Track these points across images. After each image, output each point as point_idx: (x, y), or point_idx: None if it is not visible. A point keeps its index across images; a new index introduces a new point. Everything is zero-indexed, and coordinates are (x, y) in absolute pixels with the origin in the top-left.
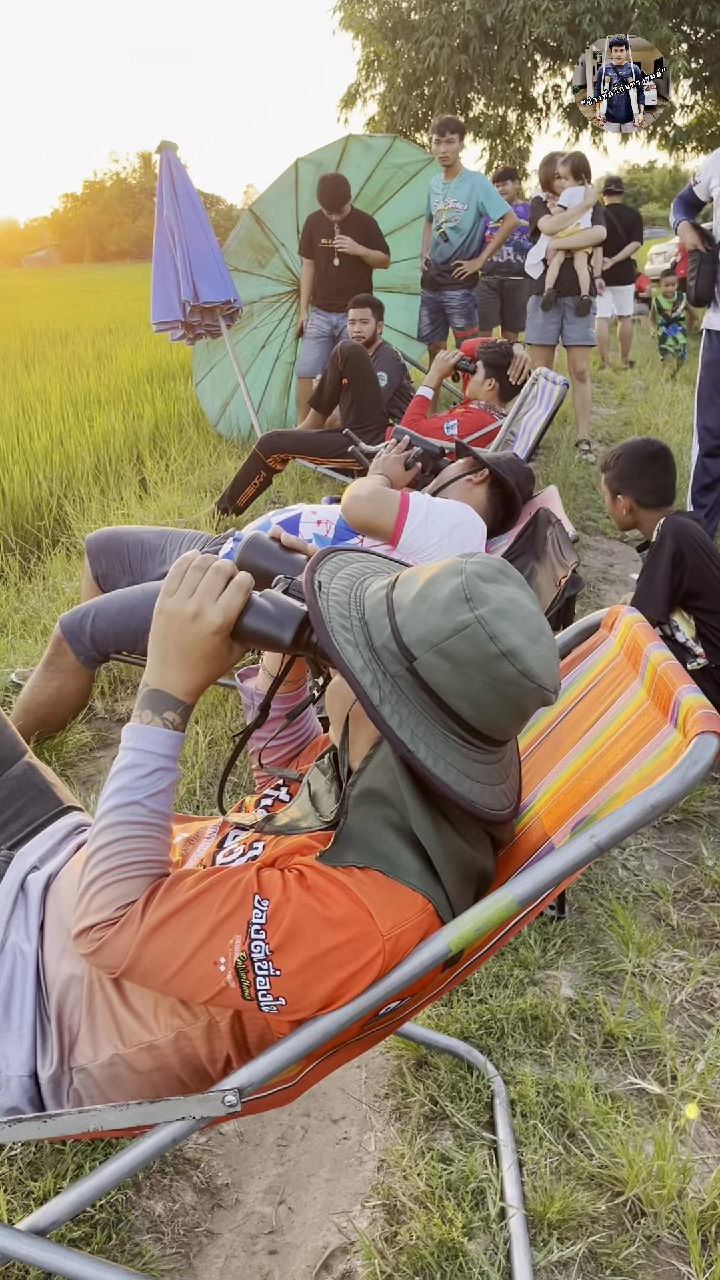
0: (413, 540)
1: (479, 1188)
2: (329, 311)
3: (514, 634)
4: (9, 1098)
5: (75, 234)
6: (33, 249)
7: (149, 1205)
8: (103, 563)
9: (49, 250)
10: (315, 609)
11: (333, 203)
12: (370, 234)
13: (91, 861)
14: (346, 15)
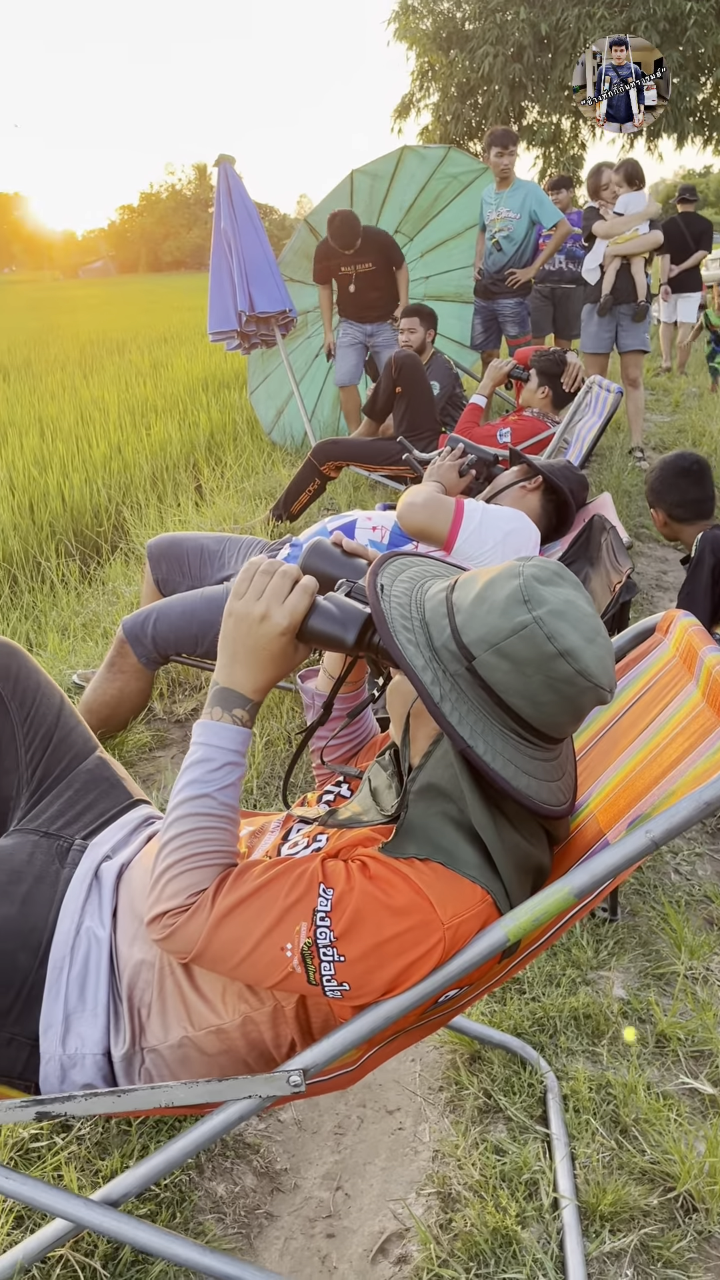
0: (467, 546)
1: (532, 1179)
2: (360, 322)
3: (571, 634)
4: (84, 1074)
5: (131, 245)
6: (90, 260)
7: (211, 1186)
8: (163, 568)
9: (105, 261)
10: (378, 610)
11: (347, 242)
12: (389, 250)
13: (164, 851)
14: (401, 26)
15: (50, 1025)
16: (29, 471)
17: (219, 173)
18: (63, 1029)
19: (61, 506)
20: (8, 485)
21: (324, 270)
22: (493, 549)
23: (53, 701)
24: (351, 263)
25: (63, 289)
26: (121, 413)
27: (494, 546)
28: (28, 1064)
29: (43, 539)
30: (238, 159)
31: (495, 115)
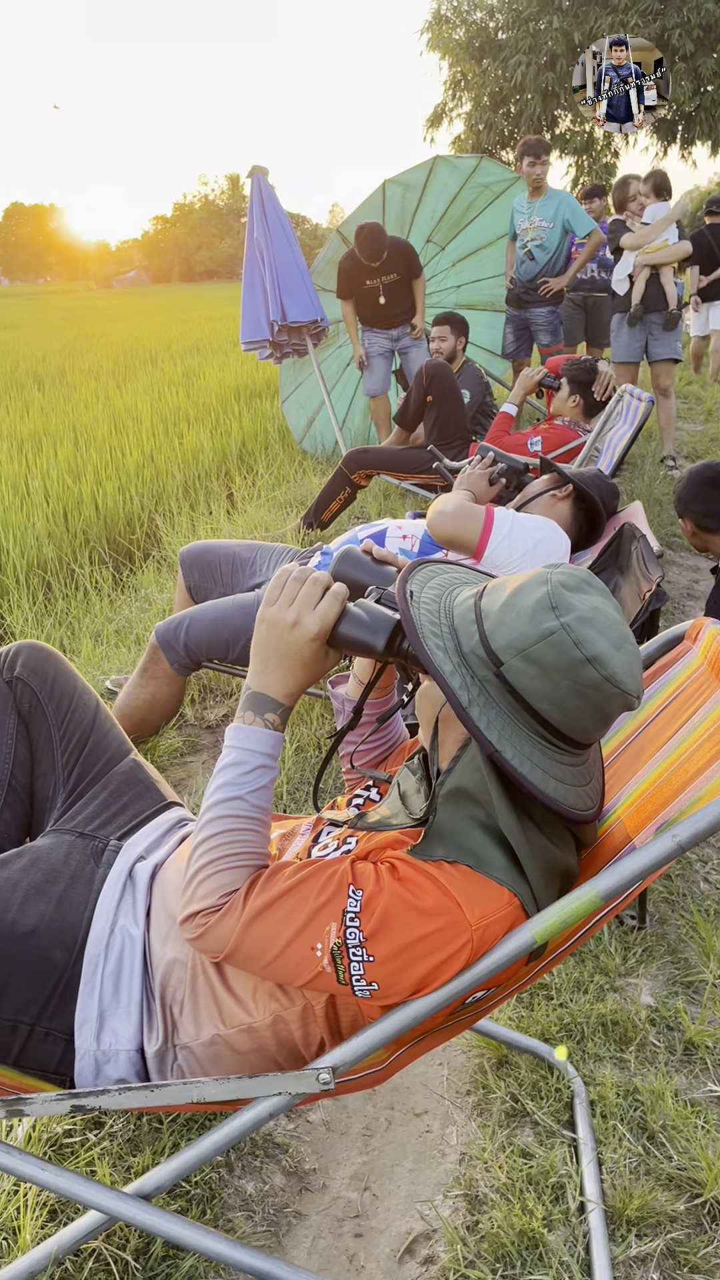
0: (497, 554)
1: (559, 1183)
2: (387, 329)
3: (598, 640)
4: (118, 1069)
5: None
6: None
7: (241, 1184)
8: (195, 575)
9: (139, 271)
10: (408, 616)
11: (374, 254)
12: (411, 261)
13: (197, 852)
14: (434, 36)
15: (85, 1021)
16: (63, 480)
17: (253, 184)
18: (97, 1025)
19: (95, 514)
20: (43, 493)
21: (349, 285)
22: (523, 557)
23: (89, 705)
24: (378, 275)
25: (96, 299)
26: (154, 421)
27: (524, 555)
28: (63, 1059)
29: (77, 546)
30: (270, 170)
31: (528, 124)
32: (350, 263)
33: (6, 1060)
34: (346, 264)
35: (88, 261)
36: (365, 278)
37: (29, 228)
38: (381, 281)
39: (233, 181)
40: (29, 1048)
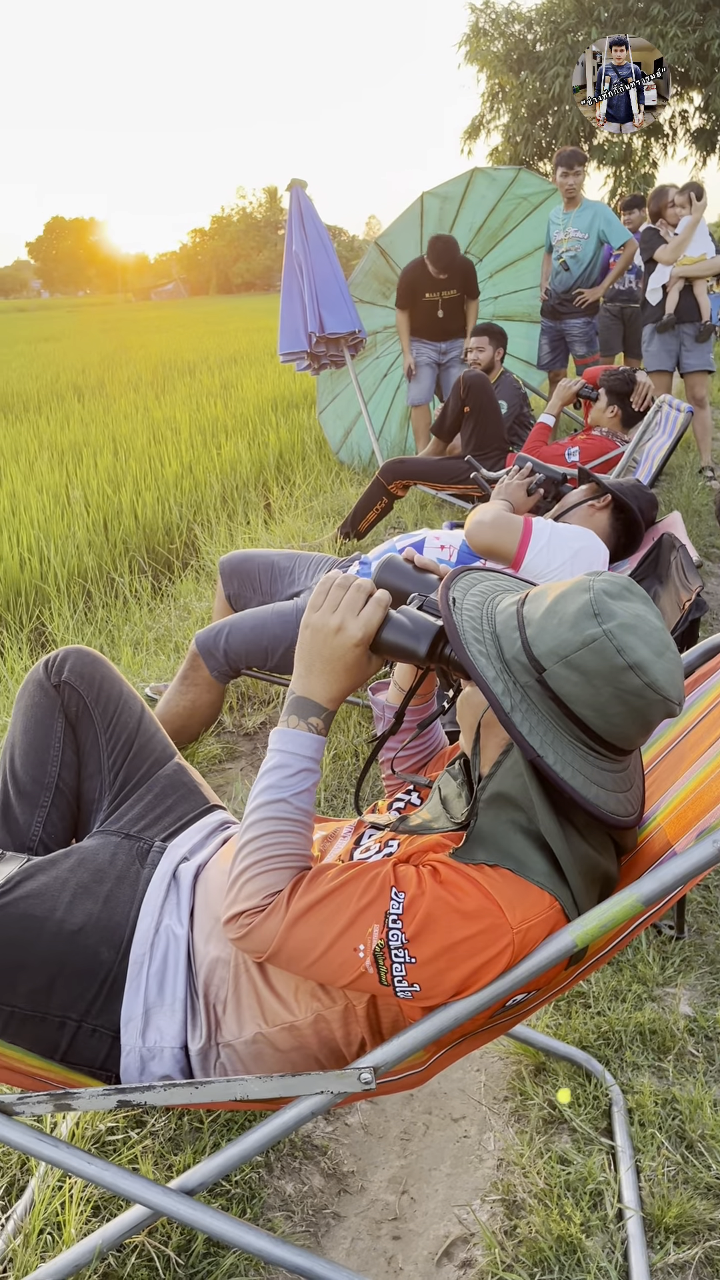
0: (535, 564)
1: (597, 1189)
2: (436, 340)
3: (640, 648)
4: (162, 1066)
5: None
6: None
7: (280, 1185)
8: (234, 583)
9: (177, 283)
10: (450, 623)
11: (445, 264)
12: (471, 281)
13: (242, 853)
14: (472, 49)
15: (131, 1018)
16: (103, 490)
17: (291, 197)
18: (142, 1022)
19: (135, 524)
20: (83, 503)
21: (409, 295)
22: (561, 567)
23: (134, 709)
24: (438, 289)
25: (135, 311)
26: (192, 432)
27: (562, 565)
28: (109, 1055)
29: (116, 555)
30: (309, 183)
31: (565, 135)
32: (416, 273)
33: (54, 1056)
34: (411, 274)
35: (126, 274)
36: (426, 290)
37: (69, 241)
38: (442, 296)
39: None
40: (76, 1044)
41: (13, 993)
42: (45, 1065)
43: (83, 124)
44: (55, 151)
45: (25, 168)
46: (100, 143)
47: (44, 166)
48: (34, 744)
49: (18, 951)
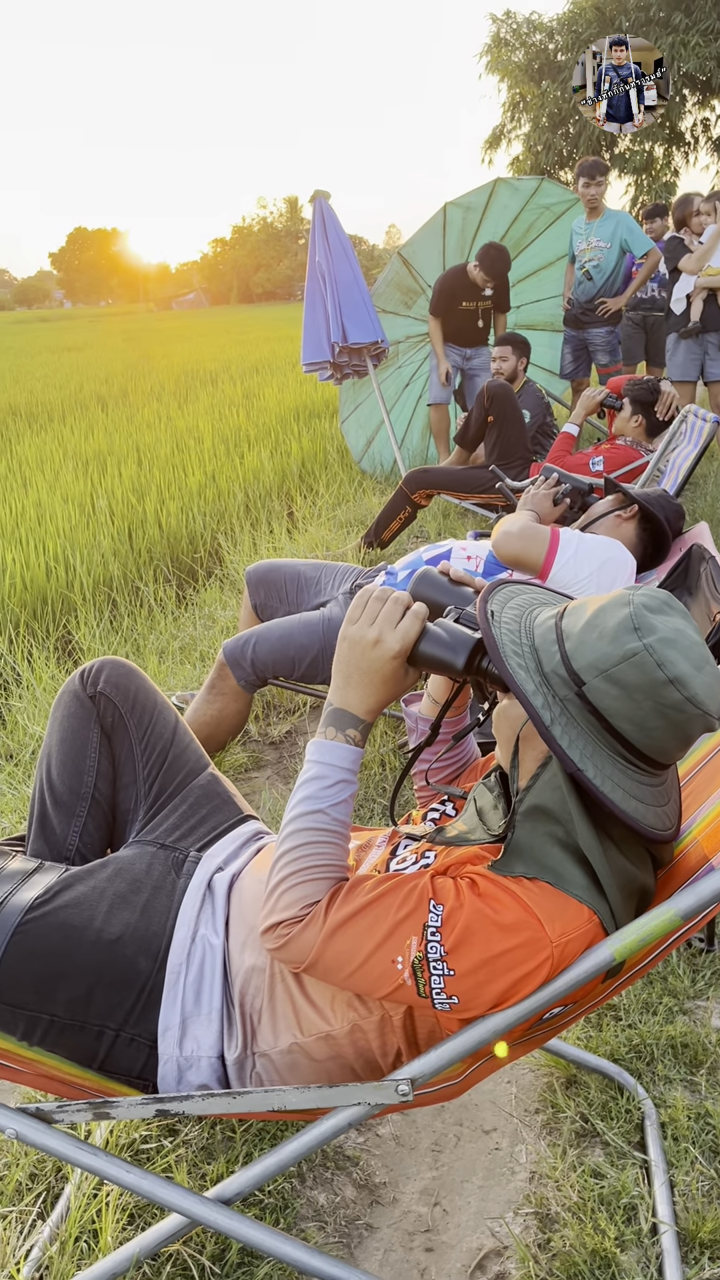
0: (562, 574)
1: (630, 1203)
2: (462, 346)
3: (680, 662)
4: (199, 1075)
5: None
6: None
7: (313, 1195)
8: (261, 593)
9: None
10: (489, 635)
11: (500, 274)
12: (506, 292)
13: (279, 863)
14: (493, 59)
15: (168, 1028)
16: (128, 499)
17: (315, 208)
18: (179, 1031)
19: (159, 533)
20: (107, 512)
21: (447, 302)
22: (588, 578)
23: (168, 719)
24: (477, 298)
25: (157, 320)
26: (215, 442)
27: (590, 575)
28: (146, 1064)
29: (141, 564)
30: (331, 194)
31: (586, 144)
32: (456, 281)
33: (92, 1065)
34: (452, 282)
35: (148, 284)
36: (464, 298)
37: (92, 252)
38: (479, 305)
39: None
40: (114, 1053)
41: (52, 1001)
42: (83, 1073)
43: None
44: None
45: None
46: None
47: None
48: (70, 754)
49: (57, 960)
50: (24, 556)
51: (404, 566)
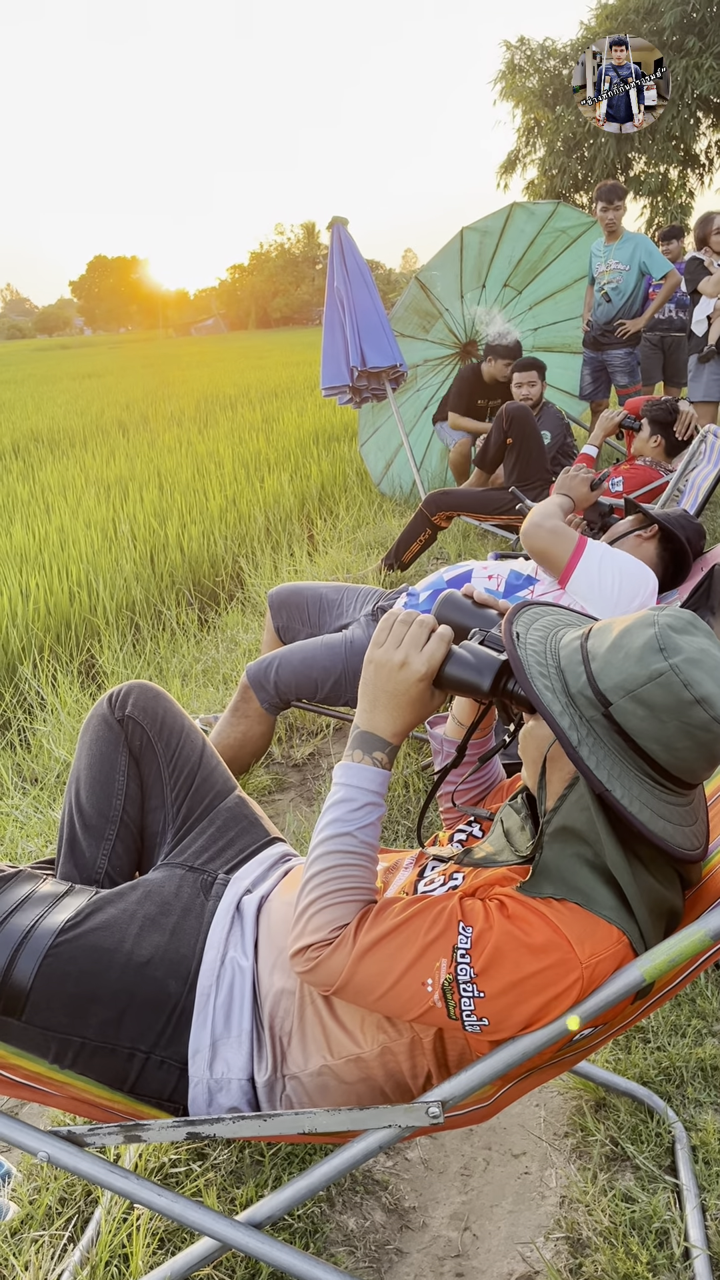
0: (582, 580)
1: (662, 1228)
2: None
3: (707, 682)
4: (230, 1098)
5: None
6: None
7: (342, 1220)
8: (283, 616)
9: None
10: (515, 657)
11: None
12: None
13: (308, 886)
14: (507, 85)
15: (198, 1050)
16: (149, 523)
17: (333, 234)
18: (210, 1054)
19: (180, 557)
20: (129, 537)
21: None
22: (609, 589)
23: (195, 743)
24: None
25: (176, 346)
26: (236, 466)
27: (610, 587)
28: (177, 1087)
29: (163, 588)
30: (349, 219)
31: (601, 168)
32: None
33: (123, 1088)
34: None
35: (167, 310)
36: (480, 396)
37: (112, 280)
38: (490, 405)
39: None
40: (145, 1075)
41: (84, 1024)
42: (113, 1096)
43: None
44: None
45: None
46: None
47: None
48: (99, 778)
49: (89, 983)
50: (47, 581)
51: (425, 588)
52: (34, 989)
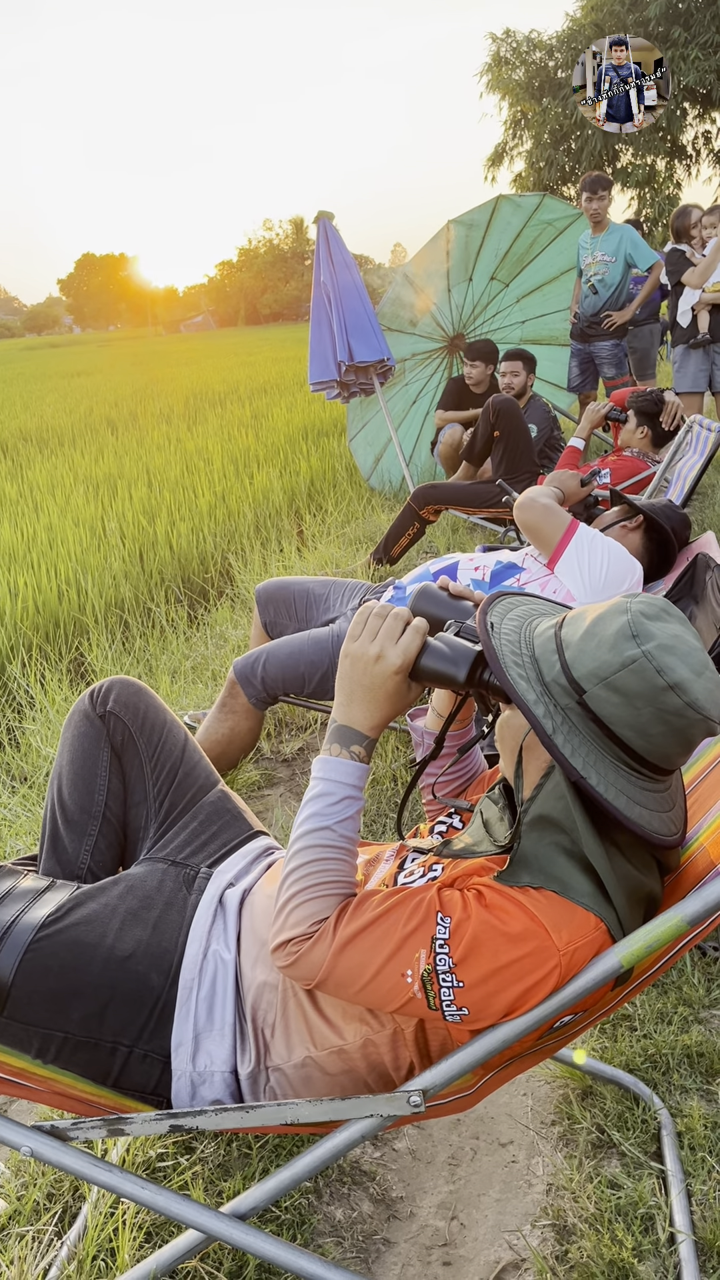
0: (572, 561)
1: (648, 1214)
2: None
3: (680, 668)
4: (213, 1091)
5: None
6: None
7: (330, 1210)
8: (270, 611)
9: (205, 315)
10: (489, 647)
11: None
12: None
13: (287, 881)
14: (494, 78)
15: (181, 1043)
16: (138, 521)
17: (319, 228)
18: (193, 1047)
19: (169, 554)
20: (118, 535)
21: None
22: (598, 571)
23: (177, 738)
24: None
25: (165, 344)
26: (225, 463)
27: (598, 570)
28: (160, 1080)
29: (152, 585)
30: (336, 214)
31: (589, 159)
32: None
33: (106, 1082)
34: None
35: (156, 308)
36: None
37: (100, 277)
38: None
39: (296, 225)
40: (128, 1069)
41: (66, 1019)
42: (97, 1091)
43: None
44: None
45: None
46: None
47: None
48: (81, 774)
49: (71, 978)
50: (36, 580)
51: (412, 581)
52: (15, 984)
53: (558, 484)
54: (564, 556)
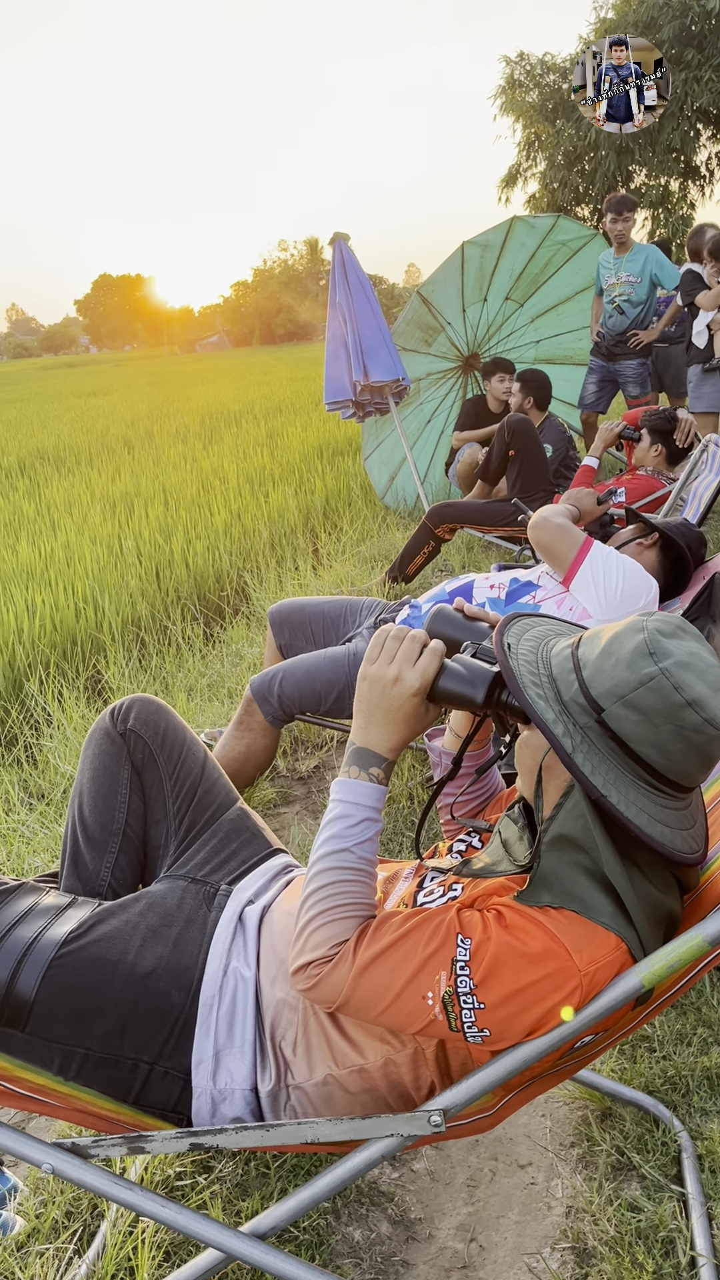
0: (585, 580)
1: (669, 1237)
2: None
3: (697, 684)
4: (233, 1108)
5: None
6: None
7: (348, 1231)
8: (285, 633)
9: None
10: (507, 668)
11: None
12: None
13: (307, 904)
14: (508, 100)
15: (201, 1061)
16: (155, 539)
17: (335, 250)
18: (213, 1064)
19: (186, 572)
20: (135, 553)
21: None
22: (614, 588)
23: (197, 755)
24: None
25: (180, 363)
26: (240, 481)
27: (613, 588)
28: (180, 1097)
29: (169, 604)
30: (351, 235)
31: (603, 180)
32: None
33: (126, 1099)
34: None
35: (171, 327)
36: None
37: (117, 298)
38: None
39: (310, 246)
40: (149, 1086)
41: (88, 1035)
42: (117, 1108)
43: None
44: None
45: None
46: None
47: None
48: (102, 791)
49: (92, 995)
50: (53, 598)
51: (428, 600)
52: (37, 1001)
53: (574, 502)
54: (579, 574)
